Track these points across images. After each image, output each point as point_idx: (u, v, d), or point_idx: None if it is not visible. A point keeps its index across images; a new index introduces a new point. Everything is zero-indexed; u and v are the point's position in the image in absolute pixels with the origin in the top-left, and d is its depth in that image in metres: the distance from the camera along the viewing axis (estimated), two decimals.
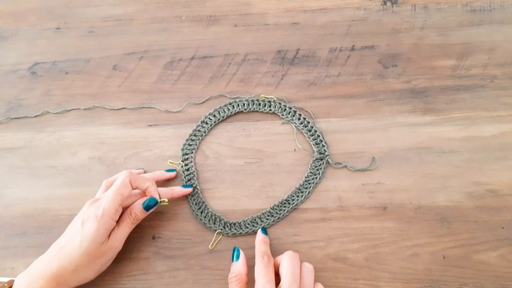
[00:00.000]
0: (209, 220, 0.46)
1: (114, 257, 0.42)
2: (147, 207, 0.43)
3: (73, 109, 0.53)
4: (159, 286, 0.44)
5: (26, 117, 0.53)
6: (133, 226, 0.43)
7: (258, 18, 0.56)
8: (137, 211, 0.42)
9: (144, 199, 0.43)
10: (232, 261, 0.42)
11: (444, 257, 0.44)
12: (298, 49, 0.54)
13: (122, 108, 0.52)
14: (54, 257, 0.39)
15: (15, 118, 0.53)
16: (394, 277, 0.43)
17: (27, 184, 0.50)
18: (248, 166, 0.48)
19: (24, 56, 0.56)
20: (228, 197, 0.47)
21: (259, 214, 0.46)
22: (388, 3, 0.55)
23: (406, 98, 0.50)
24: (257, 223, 0.46)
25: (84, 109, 0.53)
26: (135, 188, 0.42)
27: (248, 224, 0.46)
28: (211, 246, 0.45)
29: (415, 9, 0.55)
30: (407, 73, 0.52)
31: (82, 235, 0.39)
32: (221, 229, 0.45)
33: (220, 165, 0.49)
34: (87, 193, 0.48)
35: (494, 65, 0.51)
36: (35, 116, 0.53)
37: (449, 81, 0.51)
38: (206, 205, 0.47)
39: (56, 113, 0.53)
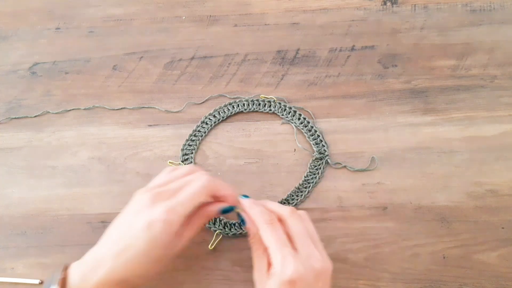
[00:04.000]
0: (209, 220, 0.46)
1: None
2: (225, 212, 0.38)
3: (73, 109, 0.53)
4: (159, 286, 0.44)
5: (26, 117, 0.53)
6: (204, 226, 0.40)
7: (258, 18, 0.56)
8: (213, 214, 0.38)
9: (222, 205, 0.38)
10: (242, 224, 0.38)
11: (444, 257, 0.44)
12: (298, 49, 0.54)
13: (122, 108, 0.52)
14: (115, 262, 0.34)
15: (15, 118, 0.53)
16: (394, 277, 0.43)
17: (27, 184, 0.50)
18: (248, 166, 0.48)
19: (24, 56, 0.56)
20: None
21: None
22: (388, 3, 0.55)
23: (406, 98, 0.50)
24: None
25: (84, 109, 0.53)
26: (211, 195, 0.38)
27: None
28: (211, 246, 0.45)
29: (415, 9, 0.55)
30: (407, 73, 0.52)
31: (149, 242, 0.34)
32: (221, 229, 0.45)
33: (220, 165, 0.49)
34: (87, 193, 0.48)
35: (494, 65, 0.51)
36: (35, 116, 0.53)
37: (449, 81, 0.51)
38: None
39: (56, 113, 0.53)
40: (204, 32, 0.56)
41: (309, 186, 0.47)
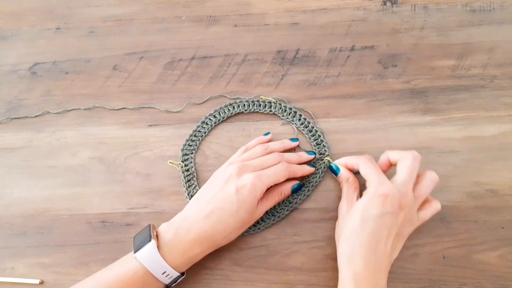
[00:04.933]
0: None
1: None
2: (295, 190, 0.45)
3: (73, 109, 0.53)
4: None
5: (26, 117, 0.53)
6: (276, 203, 0.45)
7: (258, 18, 0.56)
8: (287, 192, 0.45)
9: (294, 182, 0.45)
10: (336, 175, 0.45)
11: (444, 257, 0.44)
12: (298, 49, 0.54)
13: (122, 108, 0.52)
14: (206, 222, 0.40)
15: (15, 118, 0.53)
16: (394, 277, 0.43)
17: (27, 184, 0.50)
18: None
19: (24, 56, 0.57)
20: None
21: None
22: (388, 3, 0.56)
23: (406, 98, 0.50)
24: (257, 223, 0.45)
25: (84, 109, 0.53)
26: (289, 176, 0.44)
27: None
28: None
29: (415, 9, 0.55)
30: (407, 73, 0.52)
31: (238, 204, 0.40)
32: None
33: (220, 165, 0.49)
34: (87, 193, 0.49)
35: (494, 65, 0.51)
36: (35, 116, 0.53)
37: (449, 81, 0.51)
38: None
39: (56, 113, 0.53)
40: (204, 32, 0.56)
41: (310, 185, 0.47)
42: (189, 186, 0.48)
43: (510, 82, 0.50)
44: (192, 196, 0.47)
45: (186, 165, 0.49)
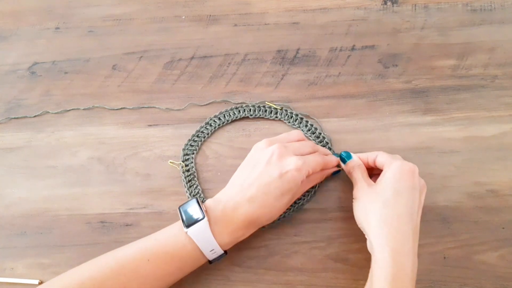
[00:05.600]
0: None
1: None
2: (334, 174, 0.47)
3: (72, 109, 0.53)
4: None
5: (26, 117, 0.53)
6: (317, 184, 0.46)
7: (258, 18, 0.56)
8: (328, 175, 0.46)
9: (334, 169, 0.46)
10: (344, 163, 0.45)
11: (444, 257, 0.44)
12: (298, 49, 0.54)
13: (121, 108, 0.52)
14: (251, 206, 0.39)
15: (14, 118, 0.53)
16: None
17: (27, 184, 0.50)
18: None
19: (23, 56, 0.56)
20: None
21: None
22: (389, 3, 0.55)
23: (407, 98, 0.50)
24: None
25: (84, 109, 0.53)
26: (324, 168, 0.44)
27: None
28: None
29: (415, 9, 0.55)
30: (407, 73, 0.52)
31: (282, 189, 0.39)
32: None
33: (220, 165, 0.49)
34: (86, 193, 0.48)
35: (494, 65, 0.51)
36: (35, 116, 0.53)
37: (450, 81, 0.51)
38: None
39: (55, 113, 0.53)
40: (204, 31, 0.56)
41: (315, 186, 0.46)
42: (190, 186, 0.48)
43: (511, 82, 0.50)
44: (194, 195, 0.47)
45: (186, 165, 0.49)
